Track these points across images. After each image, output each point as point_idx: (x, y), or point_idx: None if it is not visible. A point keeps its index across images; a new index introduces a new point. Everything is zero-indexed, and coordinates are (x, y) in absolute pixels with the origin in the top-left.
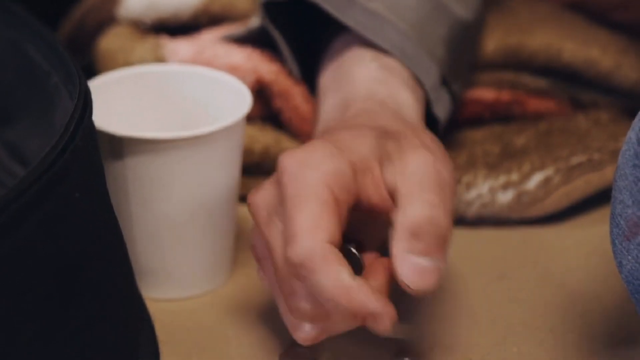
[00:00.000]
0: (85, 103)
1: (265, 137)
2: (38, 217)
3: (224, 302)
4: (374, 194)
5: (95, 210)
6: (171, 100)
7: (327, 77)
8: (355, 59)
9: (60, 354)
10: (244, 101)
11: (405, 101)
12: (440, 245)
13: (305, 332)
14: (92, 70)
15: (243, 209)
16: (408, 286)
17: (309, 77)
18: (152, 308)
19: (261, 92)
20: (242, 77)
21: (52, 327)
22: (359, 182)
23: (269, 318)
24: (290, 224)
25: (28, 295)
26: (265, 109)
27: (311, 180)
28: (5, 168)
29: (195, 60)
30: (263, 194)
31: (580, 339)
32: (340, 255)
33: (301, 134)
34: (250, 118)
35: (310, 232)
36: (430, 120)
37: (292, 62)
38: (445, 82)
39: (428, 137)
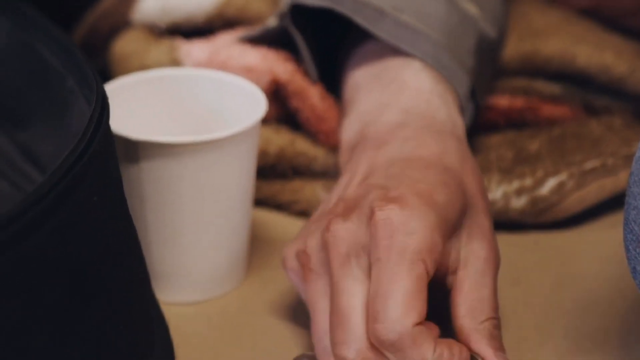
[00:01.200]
0: (102, 107)
1: (280, 138)
2: (56, 221)
3: (239, 305)
4: (442, 262)
5: (112, 214)
6: (186, 104)
7: (364, 75)
8: (402, 65)
9: (75, 356)
10: (259, 105)
11: (458, 120)
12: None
13: (350, 355)
14: (106, 74)
15: (257, 213)
16: None
17: (325, 80)
18: (167, 312)
19: (277, 92)
20: (257, 78)
21: (67, 330)
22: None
23: (284, 321)
24: (382, 300)
25: (44, 298)
26: (281, 109)
27: (410, 253)
28: (19, 170)
29: (210, 62)
30: (350, 228)
31: (594, 345)
32: (427, 332)
33: (319, 133)
34: (265, 120)
35: (403, 315)
36: None
37: (311, 63)
38: (473, 92)
39: (480, 176)
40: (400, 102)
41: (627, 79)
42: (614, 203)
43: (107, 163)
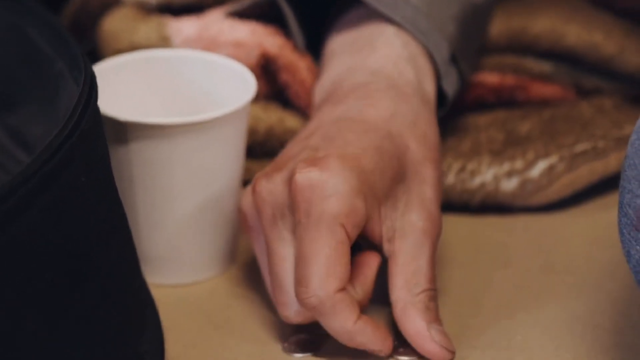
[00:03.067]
0: (91, 87)
1: (269, 116)
2: (45, 201)
3: (228, 287)
4: (374, 229)
5: (101, 194)
6: (176, 85)
7: (340, 42)
8: (376, 31)
9: (66, 339)
10: (249, 87)
11: (428, 84)
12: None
13: (291, 315)
14: (97, 54)
15: None
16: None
17: (313, 50)
18: (156, 294)
19: (266, 67)
20: (247, 52)
21: (58, 312)
22: (367, 214)
23: (272, 304)
24: (304, 266)
25: (34, 281)
26: (270, 86)
27: (327, 217)
28: (8, 153)
29: (200, 37)
30: (272, 190)
31: (585, 328)
32: (348, 300)
33: (308, 108)
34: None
35: (323, 281)
36: (438, 96)
37: (298, 32)
38: (454, 59)
39: (434, 143)
40: (368, 64)
41: (616, 58)
42: (603, 186)
43: (95, 144)
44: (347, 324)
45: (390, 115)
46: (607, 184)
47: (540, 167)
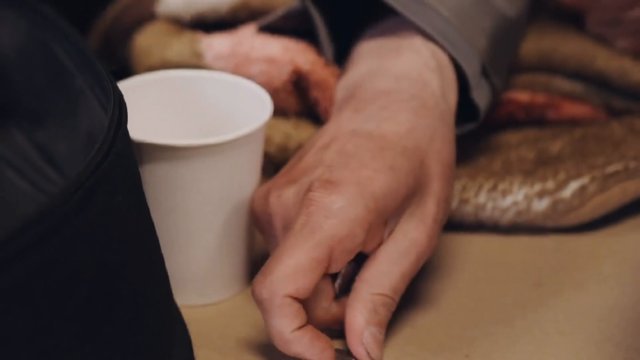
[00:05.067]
0: (121, 107)
1: (299, 133)
2: (81, 221)
3: (251, 307)
4: (369, 246)
5: (135, 213)
6: (194, 105)
7: (367, 47)
8: (405, 39)
9: (99, 356)
10: (265, 108)
11: (451, 96)
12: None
13: None
14: (128, 67)
15: None
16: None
17: (343, 62)
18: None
19: (298, 84)
20: (279, 68)
21: (92, 329)
22: (364, 242)
23: None
24: (274, 261)
25: (70, 298)
26: (302, 102)
27: (321, 234)
28: (39, 170)
29: (232, 54)
30: (283, 203)
31: (617, 349)
32: (296, 309)
33: None
34: (285, 113)
35: (282, 280)
36: (470, 110)
37: (328, 44)
38: (485, 72)
39: (448, 161)
40: (393, 69)
41: None
42: (635, 207)
43: (127, 164)
44: (285, 330)
45: (407, 131)
46: (639, 205)
47: (572, 187)
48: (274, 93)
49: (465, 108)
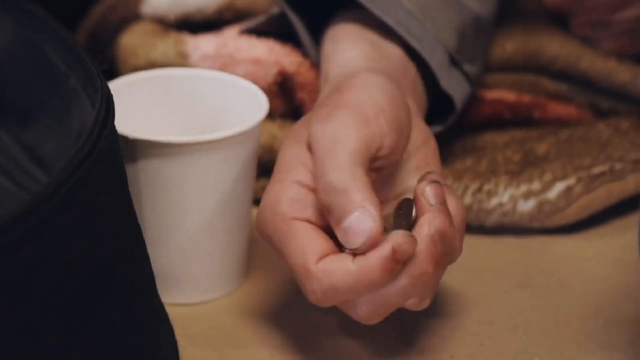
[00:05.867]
0: (107, 106)
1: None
2: (65, 219)
3: (240, 305)
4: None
5: (120, 212)
6: (188, 104)
7: (341, 29)
8: (346, 34)
9: (84, 355)
10: (261, 106)
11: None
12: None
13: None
14: (114, 66)
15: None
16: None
17: None
18: (169, 312)
19: (283, 85)
20: (265, 70)
21: (76, 328)
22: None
23: (287, 320)
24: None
25: (54, 297)
26: (287, 103)
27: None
28: (24, 170)
29: (218, 54)
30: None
31: (602, 350)
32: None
33: None
34: (270, 114)
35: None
36: (443, 101)
37: (311, 46)
38: (455, 61)
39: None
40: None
41: (629, 85)
42: (620, 208)
43: (113, 162)
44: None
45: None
46: (625, 206)
47: (557, 188)
48: None
49: (446, 103)
